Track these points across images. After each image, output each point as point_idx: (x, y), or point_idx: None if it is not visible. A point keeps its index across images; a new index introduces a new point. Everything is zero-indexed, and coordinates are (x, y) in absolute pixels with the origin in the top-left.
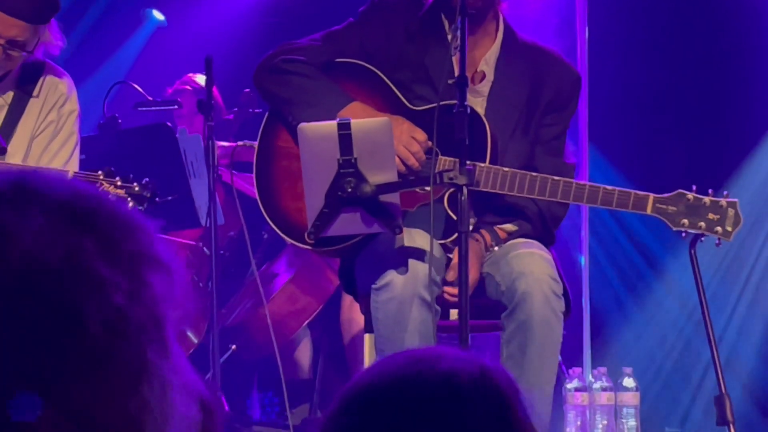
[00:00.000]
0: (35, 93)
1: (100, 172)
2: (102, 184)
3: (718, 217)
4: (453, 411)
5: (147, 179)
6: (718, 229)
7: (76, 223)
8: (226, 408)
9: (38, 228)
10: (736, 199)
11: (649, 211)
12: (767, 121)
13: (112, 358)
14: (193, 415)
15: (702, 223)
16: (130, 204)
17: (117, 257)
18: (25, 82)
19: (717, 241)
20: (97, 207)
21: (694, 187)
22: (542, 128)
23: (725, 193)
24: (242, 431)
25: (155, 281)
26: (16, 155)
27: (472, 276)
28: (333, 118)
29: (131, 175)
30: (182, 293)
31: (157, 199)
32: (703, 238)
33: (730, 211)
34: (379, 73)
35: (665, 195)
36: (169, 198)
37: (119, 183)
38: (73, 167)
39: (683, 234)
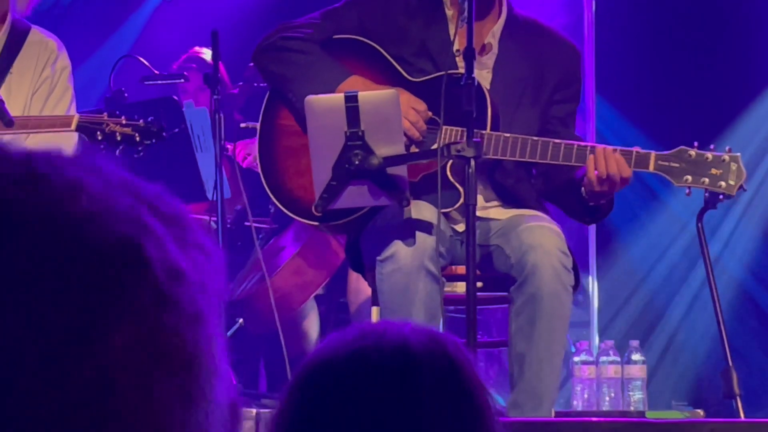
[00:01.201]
0: (25, 53)
1: (104, 113)
2: (108, 124)
3: (721, 171)
4: (407, 378)
5: (151, 117)
6: (722, 184)
7: (129, 190)
8: (234, 381)
9: (102, 183)
10: (738, 153)
11: (651, 168)
12: None
13: (173, 299)
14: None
15: (705, 179)
16: (137, 139)
17: (167, 222)
18: (13, 43)
19: (720, 197)
20: (152, 189)
21: (695, 143)
22: (554, 106)
23: (727, 148)
24: (250, 404)
25: (198, 257)
26: (16, 114)
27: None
28: (332, 93)
29: (135, 116)
30: (221, 278)
31: (164, 133)
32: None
33: (733, 165)
34: (377, 47)
35: (667, 152)
36: (176, 130)
37: (124, 121)
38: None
39: (687, 191)
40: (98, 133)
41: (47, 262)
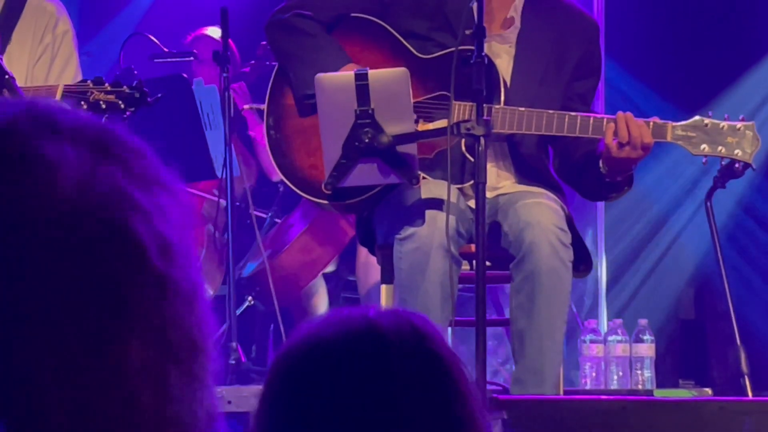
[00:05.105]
0: (24, 19)
1: (89, 81)
2: (93, 92)
3: (737, 140)
4: (378, 358)
5: (135, 82)
6: (738, 152)
7: (96, 149)
8: (243, 359)
9: (76, 156)
10: (752, 122)
11: (669, 138)
12: None
13: (171, 279)
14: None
15: (721, 148)
16: (122, 106)
17: (138, 182)
18: (11, 9)
19: (737, 165)
20: (106, 131)
21: (710, 113)
22: (575, 82)
23: (741, 117)
24: (259, 381)
25: (168, 204)
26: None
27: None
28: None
29: (118, 81)
30: (188, 213)
31: (149, 99)
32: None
33: (748, 134)
34: (385, 25)
35: (683, 122)
36: (159, 96)
37: (109, 88)
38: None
39: (704, 160)
40: (82, 102)
41: (53, 277)
